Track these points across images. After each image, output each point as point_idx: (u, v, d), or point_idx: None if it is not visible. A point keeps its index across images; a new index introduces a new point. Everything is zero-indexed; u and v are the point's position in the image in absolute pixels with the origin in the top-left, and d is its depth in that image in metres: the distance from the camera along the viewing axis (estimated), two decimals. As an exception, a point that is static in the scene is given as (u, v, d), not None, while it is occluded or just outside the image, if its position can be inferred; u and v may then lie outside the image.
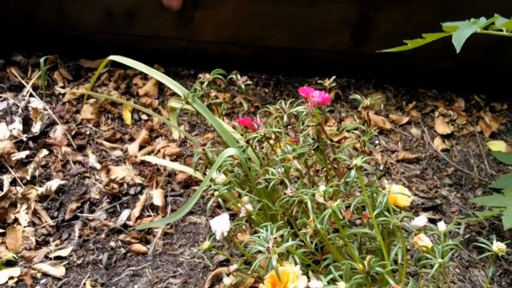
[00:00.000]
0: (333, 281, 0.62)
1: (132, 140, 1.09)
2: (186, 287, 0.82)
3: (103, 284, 0.81)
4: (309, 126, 0.80)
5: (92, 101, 1.14)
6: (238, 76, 1.05)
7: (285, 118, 0.86)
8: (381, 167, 1.16)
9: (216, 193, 0.76)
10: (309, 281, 0.58)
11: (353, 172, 0.72)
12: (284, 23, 1.26)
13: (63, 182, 0.95)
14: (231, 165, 0.85)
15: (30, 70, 1.19)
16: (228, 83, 1.22)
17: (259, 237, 0.71)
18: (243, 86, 1.03)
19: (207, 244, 0.76)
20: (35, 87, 1.14)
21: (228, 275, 0.75)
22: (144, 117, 1.15)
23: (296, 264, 0.60)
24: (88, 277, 0.82)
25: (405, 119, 1.29)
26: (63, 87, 1.17)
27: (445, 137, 1.27)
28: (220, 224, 0.73)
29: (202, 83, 0.97)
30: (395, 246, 0.72)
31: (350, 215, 1.01)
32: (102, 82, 1.21)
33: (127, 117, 1.13)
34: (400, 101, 1.35)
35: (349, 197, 0.92)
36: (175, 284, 0.82)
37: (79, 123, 1.09)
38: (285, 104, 0.87)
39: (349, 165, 0.73)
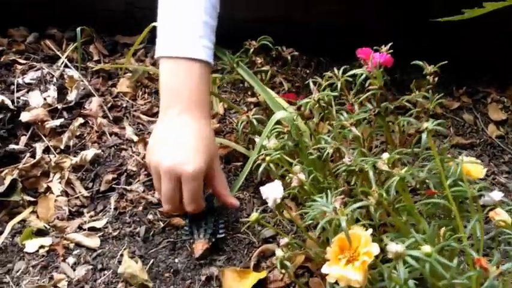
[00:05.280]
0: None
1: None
2: (230, 262, 0.76)
3: (141, 256, 0.75)
4: (368, 90, 0.73)
5: (128, 75, 1.09)
6: (284, 48, 0.99)
7: (339, 85, 0.79)
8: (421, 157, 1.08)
9: (268, 158, 0.69)
10: (383, 245, 0.50)
11: (424, 137, 0.65)
12: (328, 2, 1.20)
13: (99, 151, 0.89)
14: (278, 134, 0.78)
15: (65, 44, 1.15)
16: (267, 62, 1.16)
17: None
18: (289, 58, 0.98)
19: (255, 216, 0.69)
20: (69, 60, 1.09)
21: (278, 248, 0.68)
22: (182, 92, 1.10)
23: (366, 228, 0.53)
24: (124, 249, 0.76)
25: (456, 104, 1.22)
26: (98, 61, 1.12)
27: (499, 124, 1.19)
28: (273, 191, 0.66)
29: (247, 50, 0.92)
30: (470, 221, 0.64)
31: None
32: (139, 58, 1.16)
33: (164, 92, 1.08)
34: (449, 85, 1.27)
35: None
36: (219, 260, 0.76)
37: (115, 96, 1.04)
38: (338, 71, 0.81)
39: (419, 129, 0.66)
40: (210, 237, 0.75)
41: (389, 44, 0.81)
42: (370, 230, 0.52)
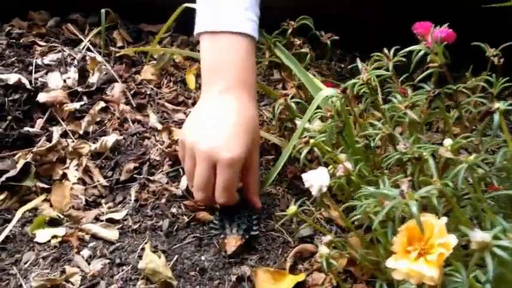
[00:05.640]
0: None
1: (195, 104, 0.96)
2: (263, 262, 0.67)
3: (164, 252, 0.67)
4: (428, 67, 0.64)
5: (152, 62, 1.02)
6: (322, 32, 0.91)
7: (390, 66, 0.71)
8: (483, 152, 0.98)
9: (312, 141, 0.61)
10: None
11: (496, 118, 0.56)
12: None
13: (120, 138, 0.82)
14: (321, 118, 0.70)
15: (87, 29, 1.09)
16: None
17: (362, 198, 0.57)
18: (328, 42, 0.90)
19: (293, 209, 0.61)
20: (92, 45, 1.03)
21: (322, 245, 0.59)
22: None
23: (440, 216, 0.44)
24: (145, 242, 0.68)
25: (504, 104, 1.12)
26: (122, 48, 1.06)
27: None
28: (318, 178, 0.57)
29: (285, 30, 0.84)
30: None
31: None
32: (164, 46, 1.09)
33: (190, 81, 1.01)
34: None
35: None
36: (251, 259, 0.67)
37: (139, 83, 0.97)
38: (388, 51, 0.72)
39: (490, 109, 0.57)
40: (244, 233, 0.67)
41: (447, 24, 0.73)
42: (445, 219, 0.43)
